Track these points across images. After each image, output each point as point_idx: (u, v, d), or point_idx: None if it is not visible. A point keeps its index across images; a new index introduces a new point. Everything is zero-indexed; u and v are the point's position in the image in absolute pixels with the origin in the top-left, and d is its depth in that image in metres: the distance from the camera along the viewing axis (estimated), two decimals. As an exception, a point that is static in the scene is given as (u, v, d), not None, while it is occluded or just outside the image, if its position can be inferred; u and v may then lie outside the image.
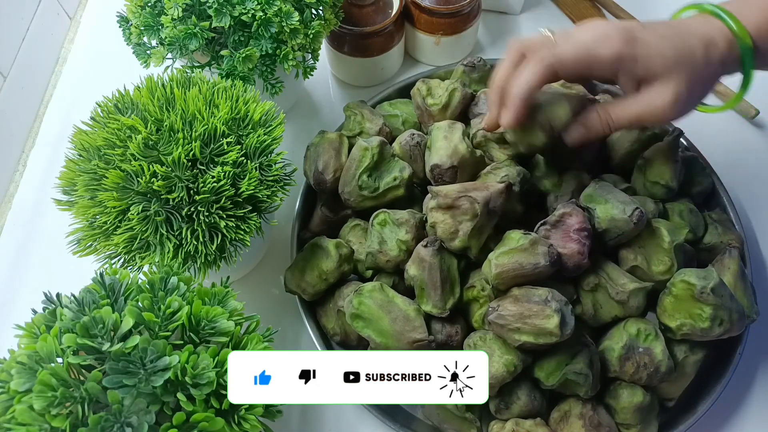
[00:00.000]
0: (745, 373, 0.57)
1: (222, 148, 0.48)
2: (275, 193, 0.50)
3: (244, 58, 0.54)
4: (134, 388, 0.36)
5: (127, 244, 0.46)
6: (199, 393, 0.37)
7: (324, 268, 0.55)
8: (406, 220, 0.54)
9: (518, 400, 0.50)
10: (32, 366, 0.37)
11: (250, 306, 0.47)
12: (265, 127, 0.51)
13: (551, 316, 0.46)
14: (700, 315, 0.49)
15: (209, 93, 0.50)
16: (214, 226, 0.47)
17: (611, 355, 0.51)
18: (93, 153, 0.48)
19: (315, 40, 0.59)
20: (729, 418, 0.56)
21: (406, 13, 0.71)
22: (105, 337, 0.37)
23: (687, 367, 0.52)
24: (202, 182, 0.46)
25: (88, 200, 0.47)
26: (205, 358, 0.38)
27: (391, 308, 0.51)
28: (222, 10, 0.53)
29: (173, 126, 0.47)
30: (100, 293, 0.41)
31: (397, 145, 0.59)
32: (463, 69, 0.65)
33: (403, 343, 0.50)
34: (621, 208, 0.51)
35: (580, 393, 0.49)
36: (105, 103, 0.51)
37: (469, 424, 0.51)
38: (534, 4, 0.82)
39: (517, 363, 0.48)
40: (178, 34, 0.53)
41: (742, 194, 0.65)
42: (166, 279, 0.43)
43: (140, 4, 0.56)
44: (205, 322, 0.41)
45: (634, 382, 0.51)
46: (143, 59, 0.58)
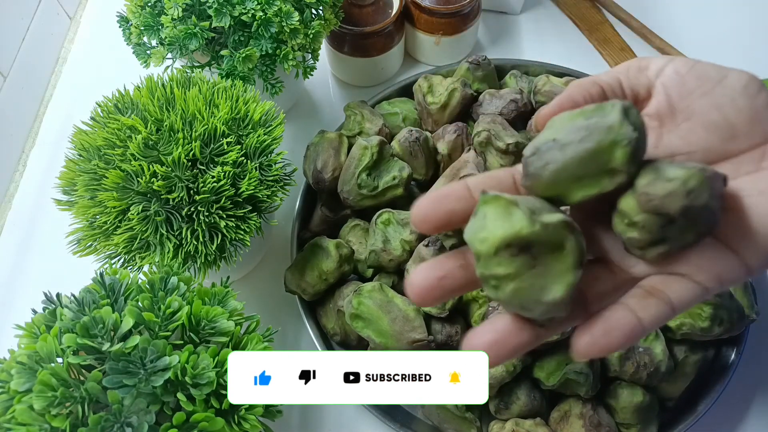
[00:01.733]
0: (745, 373, 0.57)
1: (222, 148, 0.48)
2: (275, 193, 0.50)
3: (244, 58, 0.54)
4: (134, 388, 0.36)
5: (127, 244, 0.46)
6: (199, 393, 0.37)
7: (324, 268, 0.55)
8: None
9: (518, 400, 0.50)
10: (32, 366, 0.37)
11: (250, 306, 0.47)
12: (265, 127, 0.51)
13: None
14: (700, 314, 0.49)
15: (209, 93, 0.50)
16: (214, 226, 0.47)
17: (611, 354, 0.51)
18: (93, 153, 0.48)
19: (315, 40, 0.59)
20: (729, 418, 0.56)
21: (406, 13, 0.71)
22: (105, 337, 0.37)
23: (687, 367, 0.52)
24: (202, 182, 0.46)
25: (88, 200, 0.47)
26: (205, 358, 0.38)
27: (390, 308, 0.51)
28: (222, 10, 0.53)
29: (173, 126, 0.47)
30: (100, 293, 0.41)
31: (396, 142, 0.59)
32: (468, 66, 0.65)
33: (402, 343, 0.50)
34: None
35: (581, 393, 0.49)
36: (105, 103, 0.51)
37: (469, 424, 0.51)
38: (534, 4, 0.82)
39: (516, 363, 0.48)
40: (178, 34, 0.53)
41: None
42: (166, 279, 0.43)
43: (140, 4, 0.56)
44: (205, 322, 0.41)
45: (634, 382, 0.51)
46: (143, 59, 0.58)
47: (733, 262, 0.26)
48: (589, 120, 0.25)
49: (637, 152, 0.24)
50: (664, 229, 0.25)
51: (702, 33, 0.78)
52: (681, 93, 0.29)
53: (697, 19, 0.79)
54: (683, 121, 0.28)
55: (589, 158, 0.24)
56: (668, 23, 0.79)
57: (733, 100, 0.28)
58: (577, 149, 0.24)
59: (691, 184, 0.23)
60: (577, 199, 0.25)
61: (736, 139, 0.28)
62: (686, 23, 0.79)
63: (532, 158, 0.26)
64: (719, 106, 0.28)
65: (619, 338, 0.25)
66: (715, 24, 0.79)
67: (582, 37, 0.79)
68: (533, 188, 0.26)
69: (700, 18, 0.80)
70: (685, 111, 0.28)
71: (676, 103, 0.29)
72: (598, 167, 0.25)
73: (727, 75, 0.28)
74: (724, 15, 0.80)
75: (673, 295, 0.26)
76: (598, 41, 0.78)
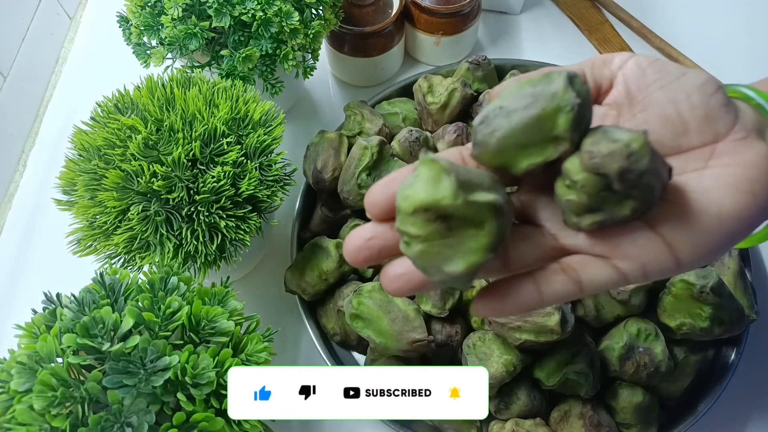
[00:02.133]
0: (745, 373, 0.57)
1: (222, 148, 0.48)
2: (275, 193, 0.50)
3: (244, 58, 0.54)
4: (134, 388, 0.36)
5: (127, 244, 0.46)
6: (199, 393, 0.37)
7: (324, 268, 0.55)
8: None
9: (518, 400, 0.50)
10: (32, 366, 0.37)
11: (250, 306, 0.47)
12: (265, 127, 0.51)
13: (552, 313, 0.46)
14: (700, 314, 0.49)
15: (209, 93, 0.50)
16: (214, 226, 0.47)
17: (611, 354, 0.51)
18: (93, 153, 0.48)
19: (315, 40, 0.59)
20: (729, 418, 0.56)
21: (406, 13, 0.71)
22: (105, 337, 0.37)
23: (687, 367, 0.52)
24: (202, 182, 0.46)
25: (88, 200, 0.47)
26: (205, 358, 0.38)
27: (390, 308, 0.51)
28: (222, 10, 0.53)
29: (173, 126, 0.47)
30: (100, 293, 0.41)
31: (396, 142, 0.59)
32: (468, 66, 0.65)
33: (402, 343, 0.50)
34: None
35: (581, 393, 0.49)
36: (105, 103, 0.51)
37: (469, 424, 0.51)
38: (534, 4, 0.82)
39: (516, 363, 0.48)
40: (178, 34, 0.53)
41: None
42: (166, 279, 0.43)
43: (140, 4, 0.56)
44: (205, 322, 0.41)
45: (634, 382, 0.51)
46: (143, 59, 0.58)
47: (663, 254, 0.26)
48: (535, 87, 0.25)
49: (580, 119, 0.25)
50: (601, 195, 0.25)
51: (702, 33, 0.78)
52: (640, 85, 0.29)
53: (697, 19, 0.79)
54: (639, 112, 0.29)
55: (534, 125, 0.25)
56: (668, 23, 0.79)
57: (688, 96, 0.28)
58: (522, 116, 0.25)
59: (633, 147, 0.24)
60: (524, 167, 0.26)
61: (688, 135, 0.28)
62: (686, 23, 0.79)
63: (480, 126, 0.26)
64: (675, 100, 0.28)
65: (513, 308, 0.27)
66: (715, 24, 0.79)
67: (582, 37, 0.79)
68: (481, 157, 0.27)
69: (700, 18, 0.80)
70: (642, 102, 0.29)
71: (634, 94, 0.29)
72: (542, 134, 0.25)
73: (686, 72, 0.29)
74: (724, 15, 0.80)
75: (585, 276, 0.27)
76: (598, 41, 0.78)
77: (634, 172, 0.24)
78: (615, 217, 0.25)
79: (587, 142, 0.25)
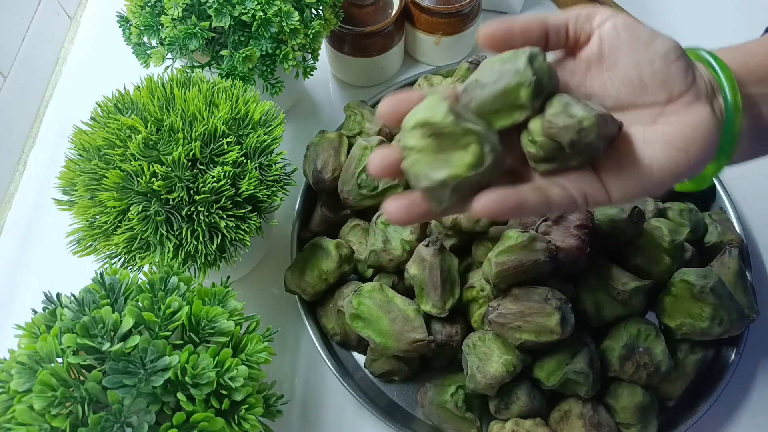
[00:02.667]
0: (745, 373, 0.57)
1: (222, 148, 0.48)
2: (275, 193, 0.50)
3: (244, 58, 0.54)
4: (134, 388, 0.36)
5: (127, 244, 0.46)
6: (199, 393, 0.37)
7: (324, 268, 0.55)
8: None
9: (518, 400, 0.50)
10: (32, 366, 0.37)
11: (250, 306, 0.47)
12: (265, 127, 0.51)
13: (552, 313, 0.46)
14: (700, 314, 0.49)
15: (209, 93, 0.50)
16: (214, 226, 0.47)
17: (611, 354, 0.51)
18: (93, 153, 0.48)
19: (315, 40, 0.59)
20: (729, 418, 0.56)
21: (406, 13, 0.71)
22: (105, 337, 0.37)
23: (687, 367, 0.52)
24: (202, 182, 0.46)
25: (88, 200, 0.47)
26: (205, 358, 0.38)
27: (390, 308, 0.51)
28: (222, 10, 0.53)
29: (173, 126, 0.47)
30: (100, 293, 0.41)
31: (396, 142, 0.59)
32: (468, 66, 0.65)
33: (402, 343, 0.50)
34: (620, 208, 0.51)
35: (581, 393, 0.49)
36: (105, 103, 0.51)
37: (469, 424, 0.51)
38: (534, 4, 0.82)
39: (516, 363, 0.48)
40: (178, 34, 0.53)
41: (742, 194, 0.65)
42: (166, 279, 0.43)
43: (140, 4, 0.56)
44: (205, 322, 0.41)
45: (634, 381, 0.51)
46: (143, 59, 0.58)
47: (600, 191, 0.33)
48: (503, 65, 0.31)
49: (539, 91, 0.31)
50: (555, 152, 0.32)
51: (702, 33, 0.78)
52: (612, 46, 0.33)
53: (696, 19, 0.79)
54: (606, 71, 0.33)
55: (502, 96, 0.31)
56: (668, 23, 0.79)
57: (651, 62, 0.32)
58: (492, 89, 0.31)
59: (584, 124, 0.30)
60: (498, 126, 0.32)
61: (645, 95, 0.32)
62: (686, 23, 0.79)
63: (463, 94, 0.33)
64: (639, 65, 0.32)
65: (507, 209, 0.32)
66: (715, 24, 0.79)
67: (582, 37, 0.79)
68: None
69: (699, 18, 0.80)
70: (610, 62, 0.33)
71: (605, 54, 0.33)
72: (509, 103, 0.31)
73: (656, 39, 0.33)
74: (724, 15, 0.80)
75: (552, 196, 0.32)
76: (598, 41, 0.78)
77: (582, 143, 0.31)
78: (565, 166, 0.33)
79: (550, 111, 0.31)
